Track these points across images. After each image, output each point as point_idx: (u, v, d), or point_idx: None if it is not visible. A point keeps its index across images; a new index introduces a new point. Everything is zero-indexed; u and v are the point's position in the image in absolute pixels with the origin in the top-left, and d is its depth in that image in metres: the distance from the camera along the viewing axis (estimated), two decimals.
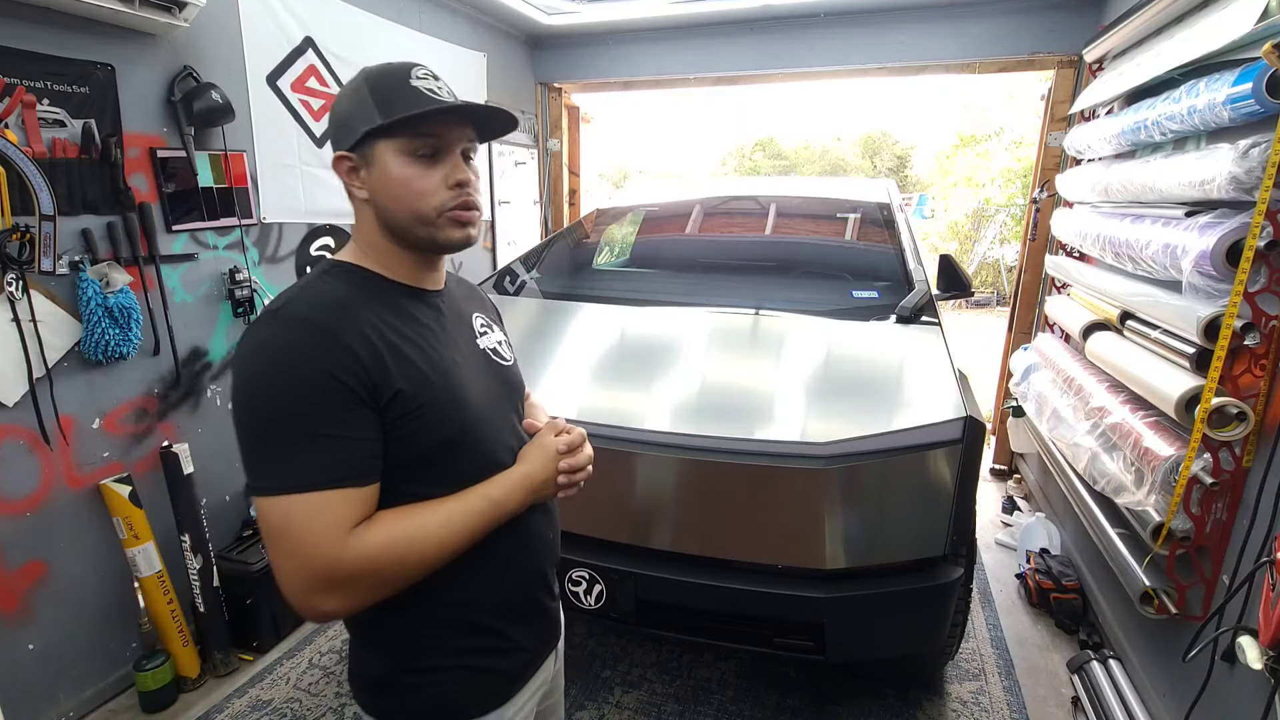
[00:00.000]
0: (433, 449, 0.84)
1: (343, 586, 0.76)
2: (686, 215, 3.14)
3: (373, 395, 0.78)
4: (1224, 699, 1.60)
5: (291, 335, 0.77)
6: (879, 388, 1.85)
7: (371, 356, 0.79)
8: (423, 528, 0.80)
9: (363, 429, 0.78)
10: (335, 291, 0.83)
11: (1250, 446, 1.57)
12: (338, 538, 0.75)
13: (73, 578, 2.02)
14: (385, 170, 0.83)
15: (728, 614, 1.78)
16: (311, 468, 0.75)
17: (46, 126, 1.85)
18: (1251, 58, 1.60)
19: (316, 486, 0.74)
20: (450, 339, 0.92)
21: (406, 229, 0.86)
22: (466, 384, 0.89)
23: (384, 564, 0.77)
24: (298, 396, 0.75)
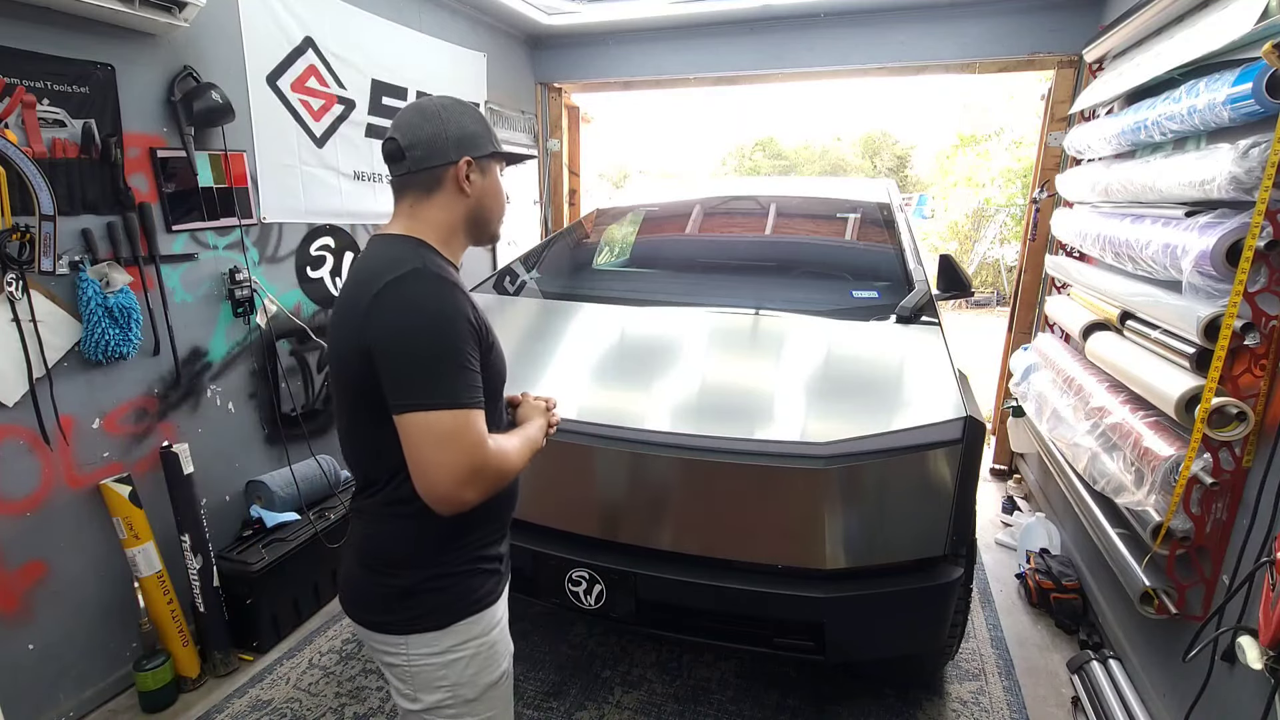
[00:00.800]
0: (493, 390, 1.09)
1: (485, 479, 1.00)
2: (686, 215, 3.14)
3: (484, 347, 1.05)
4: (1224, 699, 1.60)
5: (446, 289, 1.01)
6: (879, 388, 1.85)
7: (479, 318, 1.06)
8: (512, 445, 1.09)
9: (480, 370, 1.03)
10: (440, 260, 1.09)
11: (1250, 446, 1.57)
12: (486, 441, 1.00)
13: (73, 578, 2.02)
14: (495, 180, 1.16)
15: (728, 614, 1.78)
16: (472, 391, 1.00)
17: (46, 126, 1.85)
18: (1251, 58, 1.60)
19: (477, 405, 1.00)
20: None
21: (491, 223, 1.18)
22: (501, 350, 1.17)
23: (504, 464, 1.04)
24: (456, 336, 0.99)
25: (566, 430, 1.76)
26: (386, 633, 1.11)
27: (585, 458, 1.78)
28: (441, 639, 1.10)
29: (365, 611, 1.13)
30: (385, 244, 1.10)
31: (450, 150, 1.08)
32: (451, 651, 1.11)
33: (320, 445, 2.89)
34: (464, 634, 1.11)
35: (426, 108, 1.10)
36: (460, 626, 1.11)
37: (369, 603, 1.12)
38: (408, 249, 1.06)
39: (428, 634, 1.10)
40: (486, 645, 1.14)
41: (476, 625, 1.12)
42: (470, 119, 1.12)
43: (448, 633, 1.10)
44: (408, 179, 1.10)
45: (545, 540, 1.84)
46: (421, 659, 1.11)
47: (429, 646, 1.10)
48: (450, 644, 1.11)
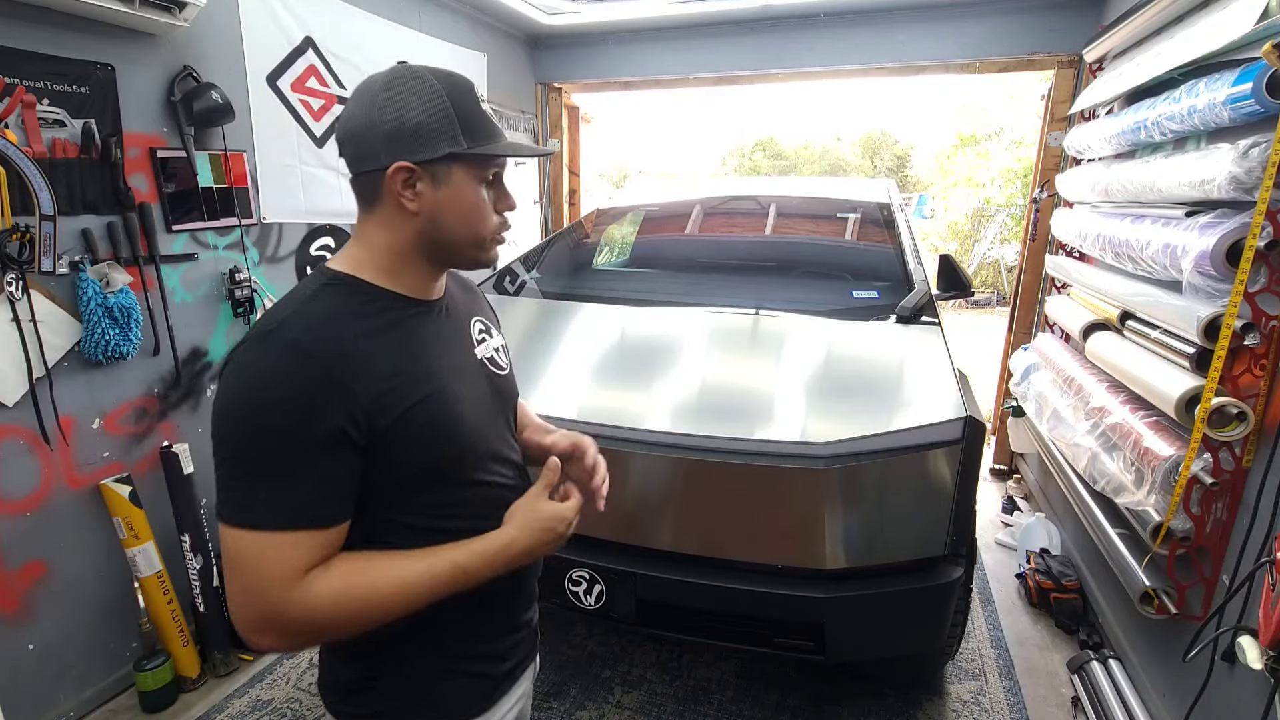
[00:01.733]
0: (425, 470, 0.82)
1: (284, 630, 0.74)
2: (686, 215, 3.14)
3: (359, 428, 0.75)
4: (1224, 699, 1.60)
5: (281, 362, 0.73)
6: (879, 388, 1.84)
7: (366, 385, 0.75)
8: (376, 589, 0.76)
9: (338, 467, 0.75)
10: (332, 311, 0.79)
11: (1250, 446, 1.57)
12: (286, 582, 0.72)
13: (73, 578, 2.02)
14: (461, 193, 0.83)
15: (728, 614, 1.78)
16: (273, 506, 0.72)
17: (46, 126, 1.85)
18: (1251, 58, 1.60)
19: (274, 526, 0.72)
20: (448, 351, 0.89)
21: (458, 248, 0.87)
22: (463, 400, 0.87)
23: (329, 619, 0.74)
24: (274, 430, 0.72)
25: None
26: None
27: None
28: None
29: (326, 692, 0.93)
30: (304, 280, 0.86)
31: (380, 151, 0.80)
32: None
33: None
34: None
35: (368, 88, 0.83)
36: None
37: (327, 683, 0.93)
38: (300, 294, 0.81)
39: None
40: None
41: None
42: (418, 105, 0.80)
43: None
44: (352, 185, 0.86)
45: None
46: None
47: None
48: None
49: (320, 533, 0.74)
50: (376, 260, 0.85)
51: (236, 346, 0.77)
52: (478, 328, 0.98)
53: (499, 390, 0.97)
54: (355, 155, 0.83)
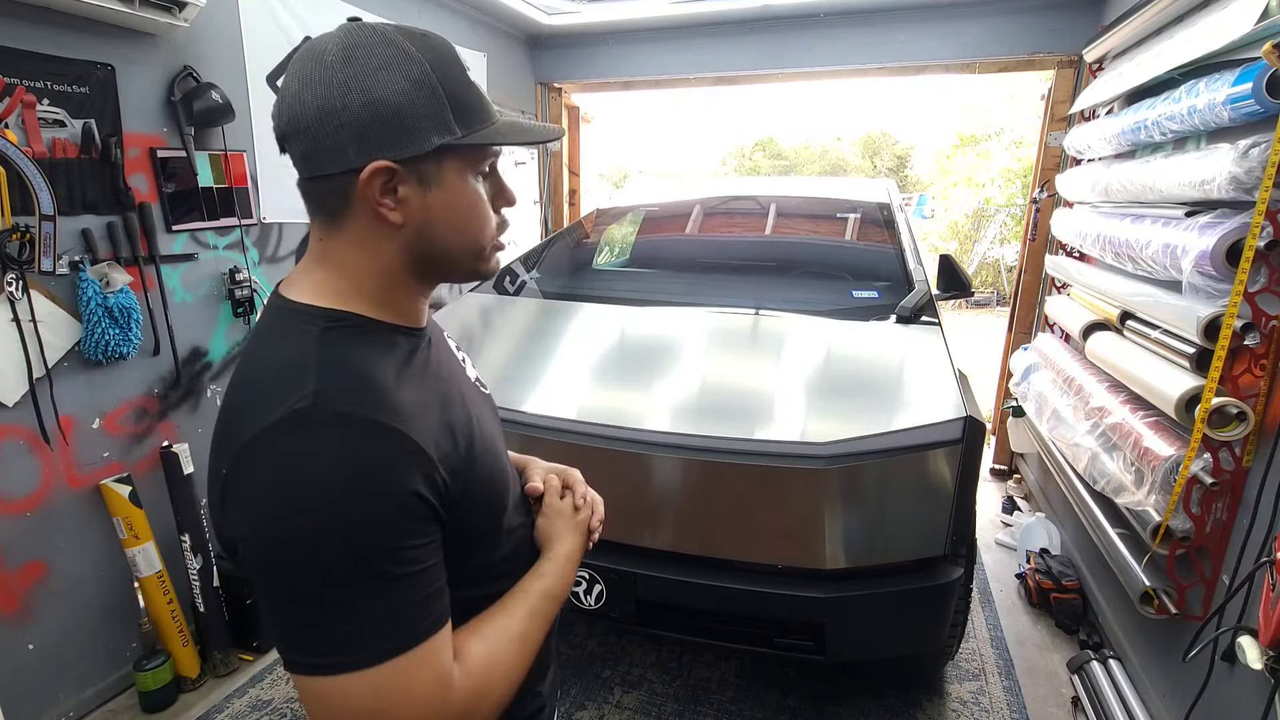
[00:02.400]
0: (487, 525, 0.70)
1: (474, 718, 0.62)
2: (686, 215, 3.15)
3: (443, 498, 0.62)
4: (1224, 699, 1.60)
5: (364, 447, 0.56)
6: (879, 388, 1.85)
7: (435, 444, 0.62)
8: (502, 641, 0.66)
9: (437, 553, 0.61)
10: (363, 363, 0.61)
11: (1250, 446, 1.57)
12: (447, 679, 0.59)
13: (73, 578, 2.02)
14: (458, 194, 0.64)
15: (728, 614, 1.78)
16: (407, 622, 0.57)
17: (46, 126, 1.85)
18: (1251, 58, 1.60)
19: (412, 645, 0.57)
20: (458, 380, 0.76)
21: (455, 262, 0.68)
22: (496, 438, 0.76)
23: (493, 685, 0.64)
24: (371, 531, 0.55)
25: (566, 430, 1.76)
26: None
27: (585, 458, 1.77)
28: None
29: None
30: (275, 323, 0.65)
31: (348, 147, 0.59)
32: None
33: None
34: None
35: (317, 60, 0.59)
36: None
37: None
38: (300, 341, 0.61)
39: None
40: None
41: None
42: (393, 83, 0.59)
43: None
44: (304, 191, 0.66)
45: None
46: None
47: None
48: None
49: (447, 628, 0.61)
50: (361, 288, 0.65)
51: (261, 435, 0.56)
52: (452, 344, 0.83)
53: (496, 415, 0.85)
54: (307, 154, 0.62)
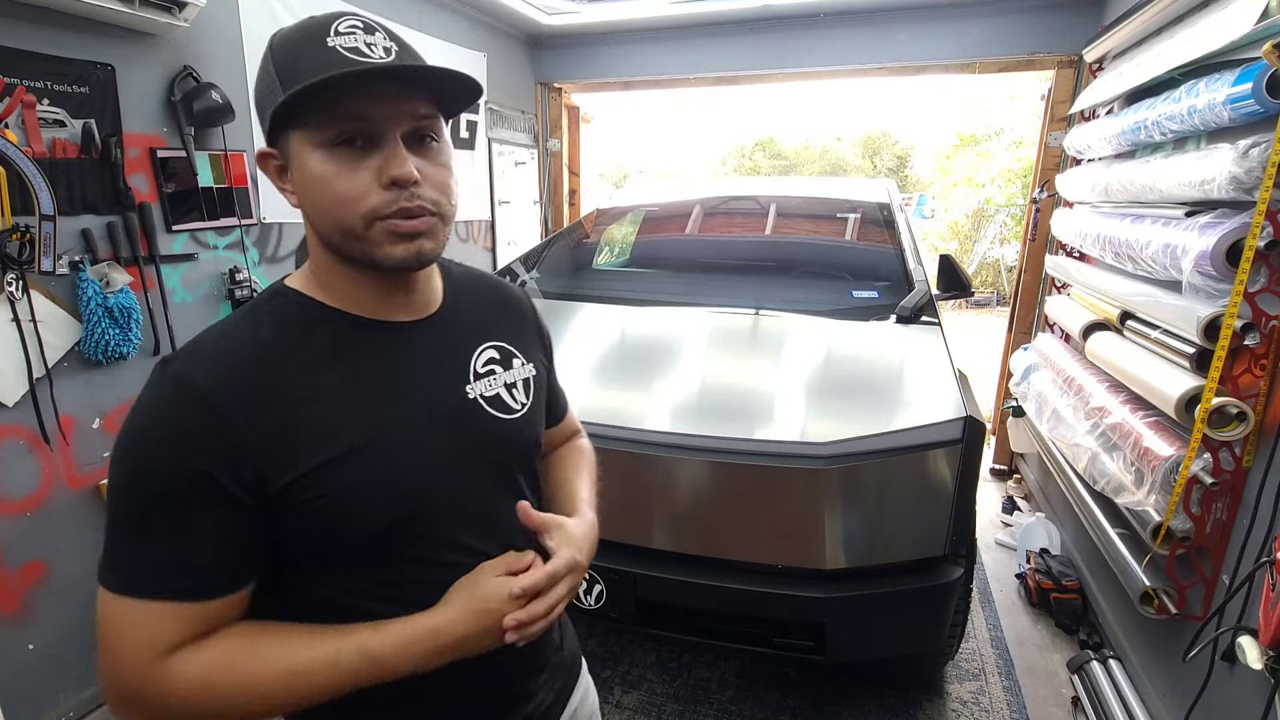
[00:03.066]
0: (355, 540, 0.66)
1: (145, 712, 0.63)
2: (686, 215, 3.15)
3: (252, 489, 0.62)
4: (1224, 699, 1.60)
5: (169, 402, 0.62)
6: (879, 388, 1.85)
7: (262, 437, 0.62)
8: (259, 675, 0.62)
9: (218, 530, 0.62)
10: (248, 337, 0.66)
11: (1250, 446, 1.57)
12: (149, 658, 0.61)
13: (73, 578, 2.02)
14: (300, 165, 0.64)
15: (728, 614, 1.78)
16: (136, 570, 0.62)
17: (46, 126, 1.85)
18: (1251, 58, 1.60)
19: (138, 593, 0.61)
20: (411, 391, 0.71)
21: (337, 245, 0.66)
22: (413, 457, 0.69)
23: (200, 704, 0.62)
24: (143, 480, 0.61)
25: None
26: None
27: None
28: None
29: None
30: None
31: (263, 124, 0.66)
32: None
33: None
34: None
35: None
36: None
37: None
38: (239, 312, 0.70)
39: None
40: None
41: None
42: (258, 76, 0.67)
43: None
44: None
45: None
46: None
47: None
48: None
49: (188, 606, 0.62)
50: (310, 267, 0.71)
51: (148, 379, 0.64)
52: (484, 357, 0.78)
53: (497, 440, 0.77)
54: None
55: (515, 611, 0.68)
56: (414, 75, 0.64)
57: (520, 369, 0.82)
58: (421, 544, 0.70)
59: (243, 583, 0.65)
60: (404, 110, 0.64)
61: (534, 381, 0.84)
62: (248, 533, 0.64)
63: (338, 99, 0.61)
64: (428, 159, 0.66)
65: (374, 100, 0.62)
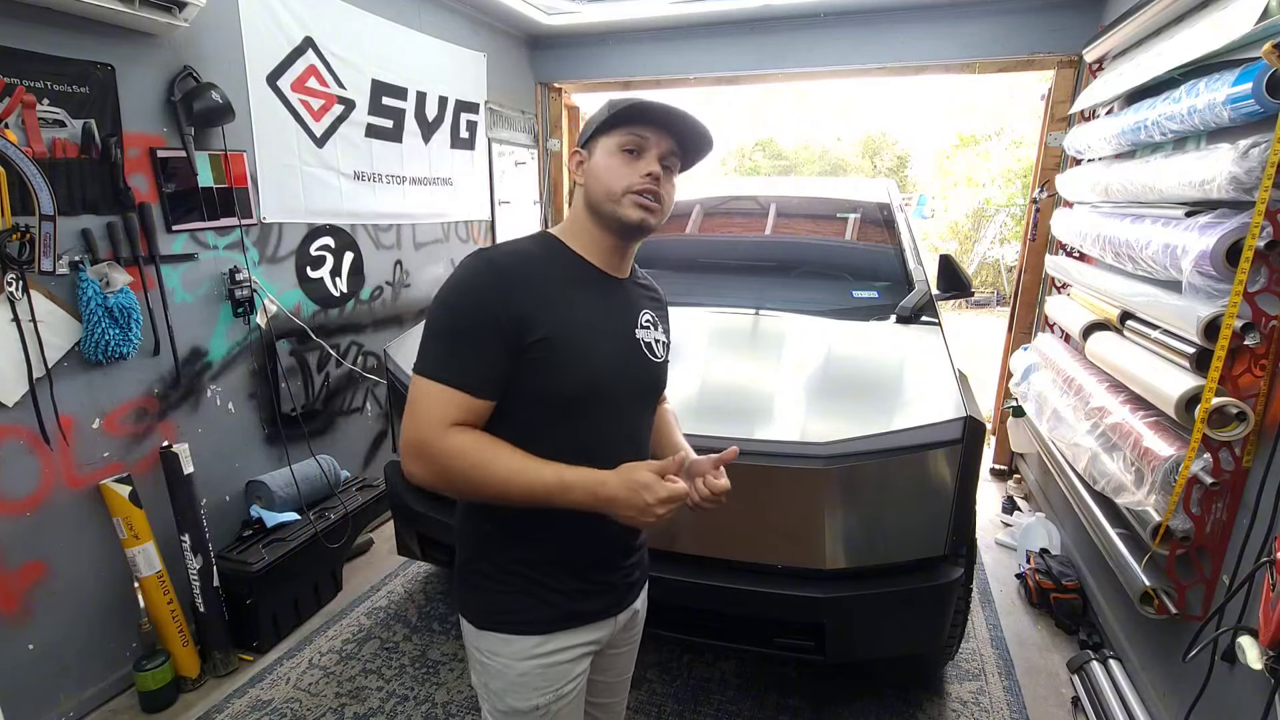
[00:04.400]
0: (559, 395, 0.99)
1: (426, 462, 0.95)
2: (686, 215, 3.15)
3: (515, 335, 0.95)
4: (1224, 699, 1.60)
5: (478, 267, 0.98)
6: (879, 388, 1.85)
7: (529, 303, 0.96)
8: (493, 461, 0.94)
9: (493, 356, 0.95)
10: (529, 248, 1.04)
11: (1250, 446, 1.57)
12: (438, 425, 0.93)
13: (73, 578, 2.02)
14: (597, 160, 1.03)
15: (728, 614, 1.78)
16: (444, 365, 0.95)
17: (46, 126, 1.85)
18: (1251, 58, 1.60)
19: (439, 380, 0.94)
20: (608, 316, 1.07)
21: (599, 204, 1.03)
22: (605, 355, 1.03)
23: (454, 466, 0.94)
24: (461, 312, 0.96)
25: None
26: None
27: None
28: (477, 638, 1.08)
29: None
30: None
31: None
32: (482, 654, 1.08)
33: (320, 445, 2.88)
34: (493, 645, 1.06)
35: None
36: (490, 636, 1.06)
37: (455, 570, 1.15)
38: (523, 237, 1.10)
39: (468, 624, 1.10)
40: (514, 672, 1.06)
41: (506, 645, 1.05)
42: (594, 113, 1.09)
43: (481, 635, 1.07)
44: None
45: None
46: (468, 641, 1.11)
47: (469, 636, 1.10)
48: (482, 646, 1.08)
49: (468, 399, 0.95)
50: (568, 225, 1.09)
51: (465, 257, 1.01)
52: (646, 316, 1.14)
53: (647, 370, 1.12)
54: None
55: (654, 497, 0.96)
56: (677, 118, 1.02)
57: (661, 334, 1.19)
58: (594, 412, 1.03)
59: (498, 395, 0.98)
60: (665, 144, 1.04)
61: (667, 345, 1.21)
62: (507, 362, 0.96)
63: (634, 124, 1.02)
64: (665, 178, 1.05)
65: (651, 131, 1.03)
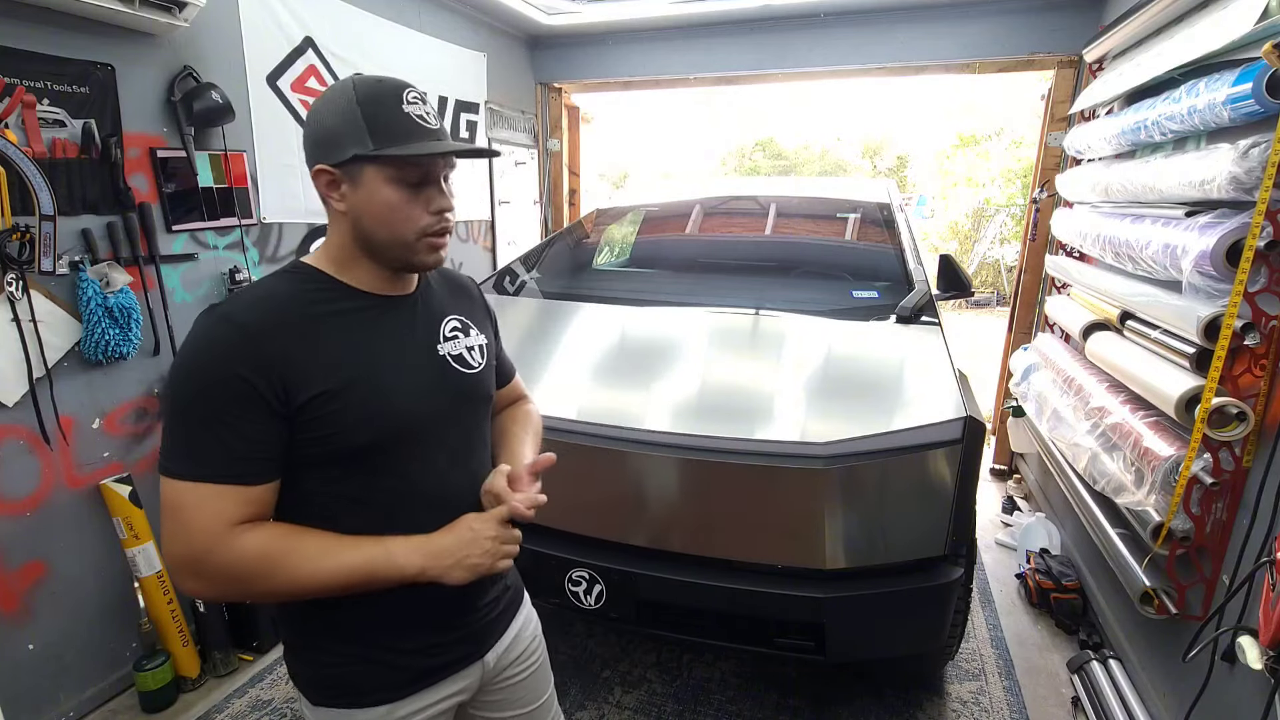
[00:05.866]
0: (355, 451, 0.87)
1: (209, 576, 0.81)
2: (686, 215, 3.14)
3: (281, 399, 0.82)
4: (1224, 699, 1.60)
5: (215, 333, 0.82)
6: (879, 388, 1.84)
7: (292, 357, 0.83)
8: (300, 553, 0.83)
9: (259, 431, 0.81)
10: (277, 292, 0.88)
11: (1250, 446, 1.57)
12: (216, 530, 0.80)
13: (73, 578, 2.02)
14: (372, 194, 0.86)
15: (728, 614, 1.78)
16: (202, 460, 0.80)
17: (46, 126, 1.85)
18: (1251, 58, 1.60)
19: (202, 478, 0.80)
20: (397, 343, 0.93)
21: (384, 249, 0.90)
22: (400, 390, 0.90)
23: (251, 571, 0.81)
24: (202, 391, 0.80)
25: (567, 430, 1.76)
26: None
27: (586, 458, 1.77)
28: (314, 713, 0.95)
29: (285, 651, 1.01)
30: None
31: (310, 155, 0.89)
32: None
33: None
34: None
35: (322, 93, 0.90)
36: (329, 712, 0.94)
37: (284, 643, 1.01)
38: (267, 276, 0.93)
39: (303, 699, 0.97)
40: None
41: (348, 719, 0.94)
42: (330, 112, 0.85)
43: (318, 711, 0.95)
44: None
45: (545, 540, 1.84)
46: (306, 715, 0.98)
47: (306, 711, 0.97)
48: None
49: (244, 489, 0.82)
50: (330, 254, 0.93)
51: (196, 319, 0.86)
52: (451, 325, 1.01)
53: (459, 385, 0.99)
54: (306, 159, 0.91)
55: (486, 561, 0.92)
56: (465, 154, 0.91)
57: (475, 337, 1.05)
58: (404, 455, 0.91)
59: (278, 472, 0.85)
60: (446, 163, 0.91)
61: (486, 348, 1.06)
62: (278, 432, 0.83)
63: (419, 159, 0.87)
64: (448, 192, 0.92)
65: (435, 160, 0.89)
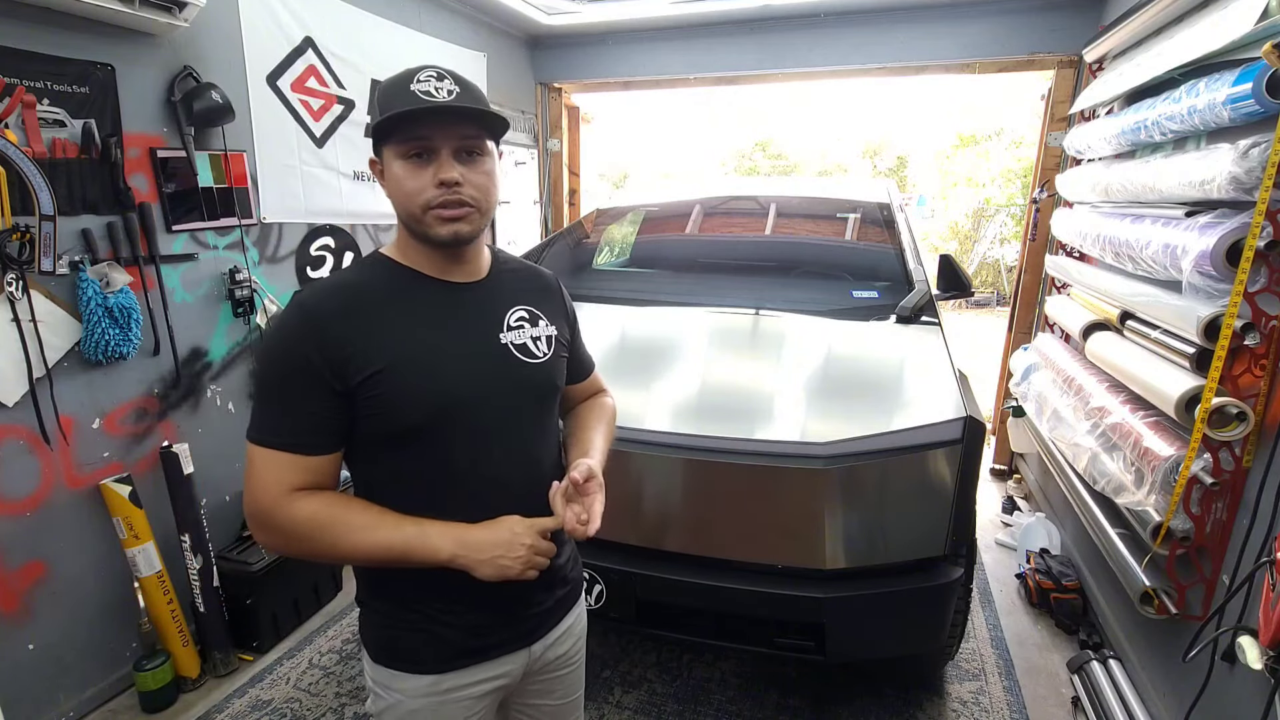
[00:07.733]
0: (408, 428, 0.92)
1: (270, 530, 0.90)
2: (686, 215, 3.14)
3: (341, 377, 0.88)
4: (1224, 699, 1.60)
5: (288, 317, 0.92)
6: (879, 388, 1.84)
7: (350, 339, 0.89)
8: (346, 523, 0.89)
9: (321, 406, 0.89)
10: (349, 278, 0.97)
11: (1250, 446, 1.57)
12: (275, 492, 0.88)
13: (73, 578, 2.02)
14: (390, 171, 0.92)
15: (728, 614, 1.78)
16: (270, 428, 0.89)
17: (46, 126, 1.85)
18: (1251, 58, 1.60)
19: (269, 445, 0.89)
20: (457, 328, 0.97)
21: (408, 224, 0.95)
22: (454, 374, 0.95)
23: (301, 534, 0.89)
24: (274, 368, 0.91)
25: None
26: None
27: None
28: (373, 669, 1.03)
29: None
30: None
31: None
32: (377, 686, 1.03)
33: None
34: (386, 679, 1.01)
35: None
36: (384, 670, 1.01)
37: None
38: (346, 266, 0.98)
39: (365, 654, 1.04)
40: (404, 709, 1.00)
41: (399, 681, 1.00)
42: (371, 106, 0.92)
43: (376, 668, 1.02)
44: None
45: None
46: (365, 669, 1.06)
47: (366, 665, 1.05)
48: (377, 678, 1.02)
49: (303, 458, 0.89)
50: (397, 241, 1.01)
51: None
52: (516, 315, 1.04)
53: (522, 375, 1.02)
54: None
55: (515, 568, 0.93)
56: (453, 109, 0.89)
57: (544, 328, 1.07)
58: (458, 437, 0.95)
59: (338, 445, 0.93)
60: (453, 133, 0.91)
61: (554, 339, 1.08)
62: (338, 409, 0.90)
63: (411, 126, 0.89)
64: (470, 167, 0.92)
65: (433, 126, 0.89)
